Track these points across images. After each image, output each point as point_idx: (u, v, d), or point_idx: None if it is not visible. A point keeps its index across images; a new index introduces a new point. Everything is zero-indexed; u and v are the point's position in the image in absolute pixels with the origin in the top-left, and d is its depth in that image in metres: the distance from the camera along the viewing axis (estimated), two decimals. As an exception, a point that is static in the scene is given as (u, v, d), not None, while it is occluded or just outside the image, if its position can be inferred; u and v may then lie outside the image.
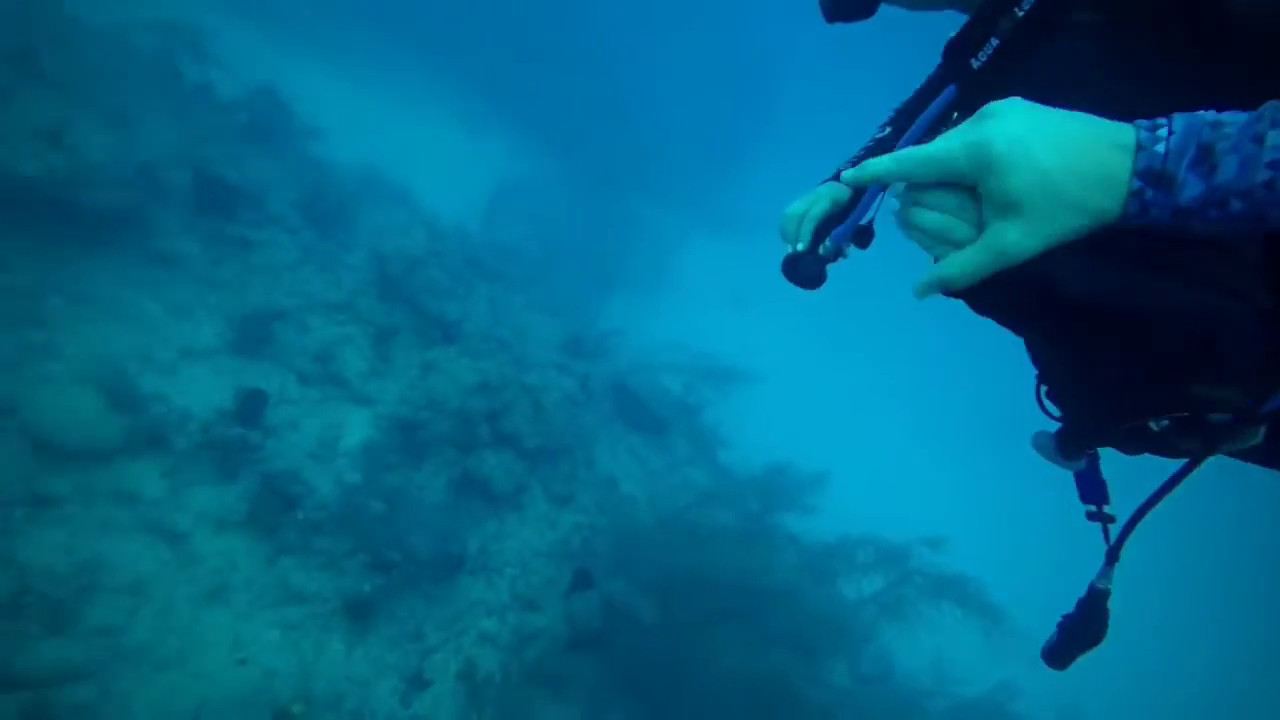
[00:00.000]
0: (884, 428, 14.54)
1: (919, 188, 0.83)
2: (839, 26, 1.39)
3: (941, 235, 0.81)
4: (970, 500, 13.65)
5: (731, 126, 17.63)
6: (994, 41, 1.01)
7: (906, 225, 0.85)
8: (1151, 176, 0.68)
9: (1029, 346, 1.28)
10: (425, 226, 8.19)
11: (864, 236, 1.32)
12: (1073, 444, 1.30)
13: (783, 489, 7.09)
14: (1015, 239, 0.74)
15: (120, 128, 5.06)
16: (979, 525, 11.84)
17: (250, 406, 5.76)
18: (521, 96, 13.37)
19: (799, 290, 1.38)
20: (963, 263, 0.79)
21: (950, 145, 0.78)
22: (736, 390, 9.65)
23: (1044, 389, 1.34)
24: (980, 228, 0.78)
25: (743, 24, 18.98)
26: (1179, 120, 0.69)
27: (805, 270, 1.32)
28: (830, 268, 1.34)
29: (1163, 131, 0.69)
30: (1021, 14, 0.98)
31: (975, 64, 1.03)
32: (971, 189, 0.78)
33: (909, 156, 0.81)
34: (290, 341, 6.49)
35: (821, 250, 1.32)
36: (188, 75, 6.99)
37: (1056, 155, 0.72)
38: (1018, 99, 0.77)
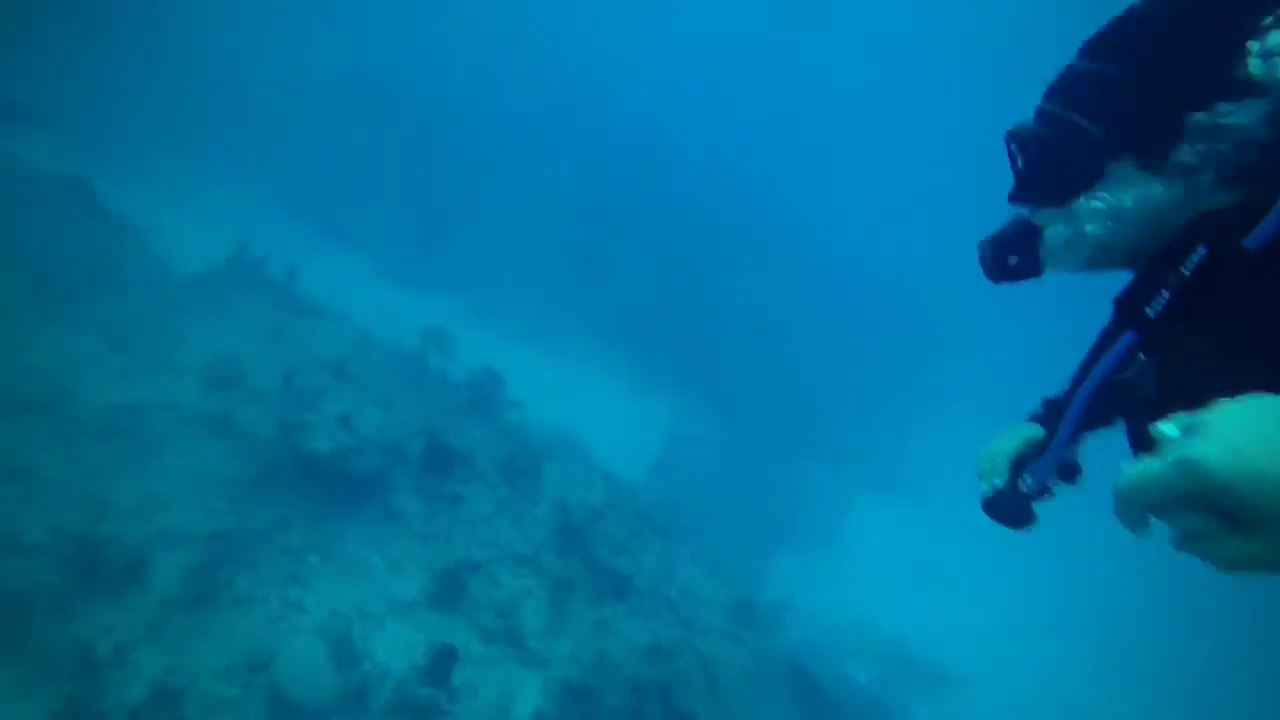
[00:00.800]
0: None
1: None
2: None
3: (1193, 537, 0.74)
4: None
5: (898, 387, 17.44)
6: (1165, 294, 1.01)
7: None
8: None
9: None
10: (604, 480, 8.74)
11: (1070, 473, 1.26)
12: None
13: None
14: (1270, 553, 0.68)
15: (386, 409, 6.34)
16: None
17: (441, 665, 5.86)
18: (685, 363, 14.83)
19: (1002, 533, 1.31)
20: (1232, 561, 0.72)
21: (1164, 469, 0.73)
22: (939, 691, 8.08)
23: None
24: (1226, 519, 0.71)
25: (907, 285, 19.53)
26: None
27: (1009, 507, 1.27)
28: (1040, 510, 1.26)
29: None
30: (1188, 273, 0.97)
31: (1151, 313, 1.03)
32: None
33: (1128, 490, 0.76)
34: (479, 594, 6.76)
35: (1023, 487, 1.26)
36: (432, 365, 8.80)
37: None
38: (1227, 401, 0.73)
